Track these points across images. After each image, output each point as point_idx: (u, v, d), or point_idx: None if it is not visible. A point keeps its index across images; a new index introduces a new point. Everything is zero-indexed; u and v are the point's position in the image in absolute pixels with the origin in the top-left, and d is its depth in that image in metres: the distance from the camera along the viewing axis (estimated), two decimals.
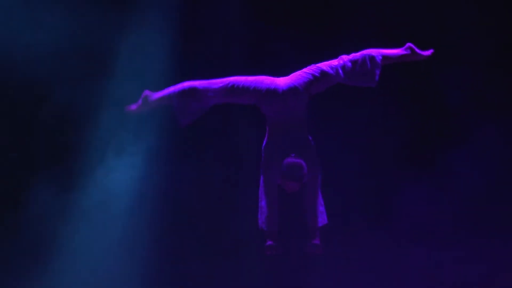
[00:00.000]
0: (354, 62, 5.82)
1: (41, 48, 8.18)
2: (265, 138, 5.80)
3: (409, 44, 5.86)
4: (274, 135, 5.75)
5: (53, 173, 8.43)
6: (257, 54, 8.50)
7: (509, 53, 8.42)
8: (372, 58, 5.81)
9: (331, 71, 5.78)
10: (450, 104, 8.46)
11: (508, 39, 8.37)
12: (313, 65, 5.84)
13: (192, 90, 5.79)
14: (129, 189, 8.63)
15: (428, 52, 5.87)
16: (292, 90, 5.69)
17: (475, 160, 8.39)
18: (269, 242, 5.69)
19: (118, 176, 8.57)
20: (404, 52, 5.86)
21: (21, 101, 8.44)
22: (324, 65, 5.83)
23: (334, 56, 6.00)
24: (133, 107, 5.89)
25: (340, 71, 5.76)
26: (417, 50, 5.85)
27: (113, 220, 8.63)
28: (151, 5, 8.41)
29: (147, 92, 5.85)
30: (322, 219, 5.78)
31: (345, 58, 5.83)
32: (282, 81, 5.78)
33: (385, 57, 5.87)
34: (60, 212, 8.48)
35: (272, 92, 5.69)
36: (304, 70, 5.84)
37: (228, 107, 7.76)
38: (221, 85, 5.83)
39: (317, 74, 5.78)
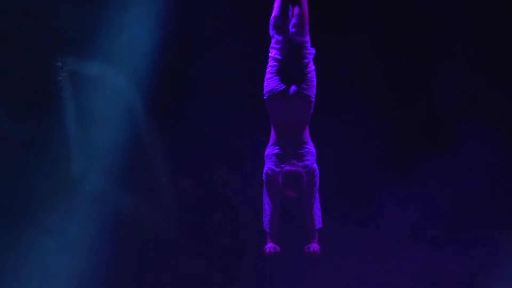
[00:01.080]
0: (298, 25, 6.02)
1: None
2: (268, 145, 6.02)
3: None
4: (277, 140, 5.96)
5: None
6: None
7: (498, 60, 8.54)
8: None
9: (307, 50, 6.04)
10: (434, 110, 8.59)
11: (496, 47, 8.53)
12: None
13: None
14: None
15: None
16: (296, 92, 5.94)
17: (458, 164, 8.50)
18: (269, 243, 5.92)
19: None
20: None
21: None
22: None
23: None
24: None
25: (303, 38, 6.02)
26: None
27: None
28: None
29: None
30: (318, 222, 5.97)
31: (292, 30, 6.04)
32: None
33: None
34: None
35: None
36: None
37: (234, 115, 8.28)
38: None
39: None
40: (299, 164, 5.84)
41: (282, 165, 5.84)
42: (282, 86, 5.96)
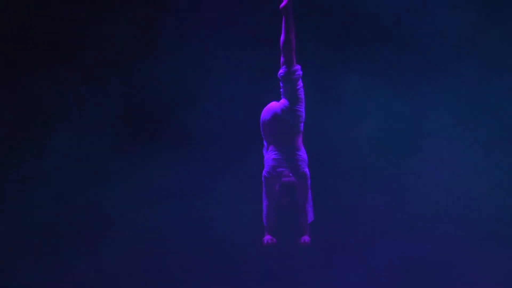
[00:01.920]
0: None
1: None
2: (267, 152, 6.55)
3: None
4: (272, 148, 6.48)
5: None
6: None
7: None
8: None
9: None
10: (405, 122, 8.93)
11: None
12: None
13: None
14: None
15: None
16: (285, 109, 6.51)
17: (429, 165, 8.90)
18: (267, 235, 6.45)
19: None
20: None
21: None
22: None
23: None
24: None
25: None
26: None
27: None
28: None
29: None
30: (310, 217, 6.46)
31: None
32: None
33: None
34: None
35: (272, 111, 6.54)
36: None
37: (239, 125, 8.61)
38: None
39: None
40: (291, 174, 6.36)
41: (278, 169, 6.38)
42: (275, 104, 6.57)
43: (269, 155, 6.51)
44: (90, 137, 8.92)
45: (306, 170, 6.44)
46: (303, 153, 6.51)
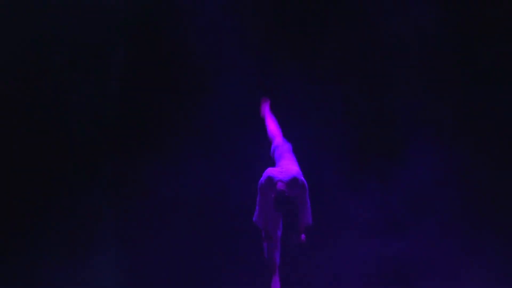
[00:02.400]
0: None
1: None
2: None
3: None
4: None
5: None
6: None
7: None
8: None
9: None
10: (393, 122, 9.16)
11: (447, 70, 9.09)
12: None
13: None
14: None
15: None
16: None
17: (411, 168, 9.07)
18: (263, 234, 6.87)
19: None
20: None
21: None
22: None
23: None
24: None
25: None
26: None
27: None
28: None
29: None
30: (309, 220, 6.85)
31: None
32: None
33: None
34: None
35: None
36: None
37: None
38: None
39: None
40: (287, 184, 6.65)
41: (272, 176, 6.68)
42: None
43: (268, 168, 6.89)
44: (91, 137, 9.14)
45: (304, 180, 6.80)
46: (297, 167, 6.95)
